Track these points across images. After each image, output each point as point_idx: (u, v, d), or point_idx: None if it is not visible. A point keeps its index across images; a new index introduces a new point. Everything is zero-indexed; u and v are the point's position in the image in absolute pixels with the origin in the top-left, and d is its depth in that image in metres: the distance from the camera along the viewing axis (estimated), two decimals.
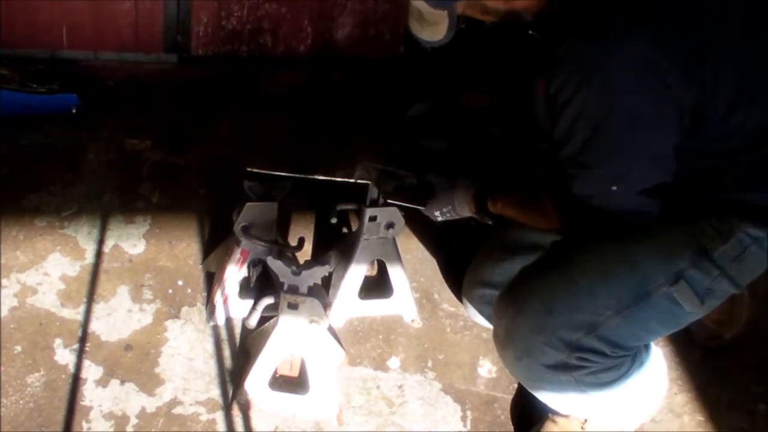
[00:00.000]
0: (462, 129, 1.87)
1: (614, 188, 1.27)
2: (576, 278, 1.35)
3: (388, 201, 1.69)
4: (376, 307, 1.86)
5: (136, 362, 1.67)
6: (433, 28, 1.38)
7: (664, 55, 1.19)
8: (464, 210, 1.64)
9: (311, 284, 1.51)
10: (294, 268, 1.49)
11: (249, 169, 1.67)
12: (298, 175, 1.70)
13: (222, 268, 1.76)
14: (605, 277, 1.33)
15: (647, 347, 1.48)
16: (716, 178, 1.30)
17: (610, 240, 1.36)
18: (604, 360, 1.35)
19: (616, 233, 1.35)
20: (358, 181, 1.69)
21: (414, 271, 1.98)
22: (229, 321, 1.78)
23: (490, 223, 1.61)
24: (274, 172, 1.69)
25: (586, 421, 1.55)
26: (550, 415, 1.57)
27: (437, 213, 1.68)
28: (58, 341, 1.68)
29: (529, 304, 1.37)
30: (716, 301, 1.35)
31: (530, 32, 1.39)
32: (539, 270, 1.42)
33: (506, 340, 1.40)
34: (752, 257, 1.30)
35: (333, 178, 1.69)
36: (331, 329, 1.77)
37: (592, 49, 1.22)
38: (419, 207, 1.68)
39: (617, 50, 1.19)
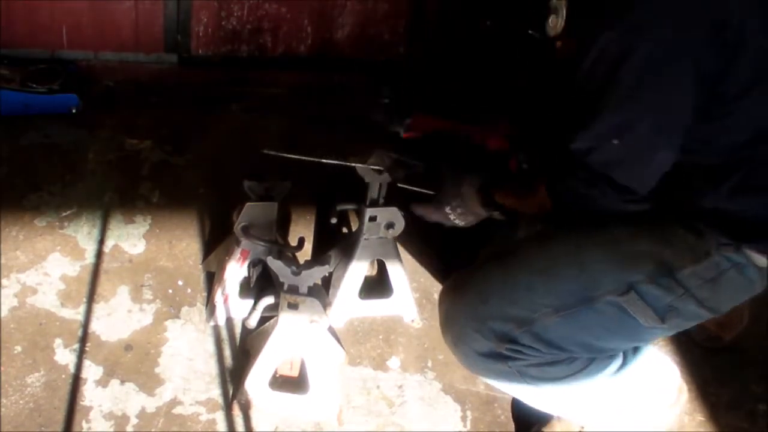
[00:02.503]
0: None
1: (615, 141, 1.22)
2: (516, 272, 1.35)
3: (399, 185, 1.67)
4: (376, 307, 1.86)
5: (136, 362, 1.67)
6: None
7: (690, 11, 1.15)
8: (473, 203, 1.55)
9: (311, 284, 1.51)
10: (294, 268, 1.49)
11: (265, 151, 1.65)
12: (311, 158, 1.66)
13: (222, 268, 1.76)
14: (547, 274, 1.32)
15: (636, 350, 1.45)
16: (713, 182, 1.26)
17: (568, 239, 1.35)
18: (541, 354, 1.34)
19: (580, 232, 1.34)
20: (372, 167, 1.65)
21: (414, 271, 1.98)
22: (229, 321, 1.78)
23: (502, 218, 1.54)
24: (289, 155, 1.66)
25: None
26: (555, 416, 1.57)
27: (448, 210, 1.59)
28: (58, 341, 1.68)
29: (466, 291, 1.39)
30: (685, 321, 1.31)
31: (530, 32, 1.38)
32: (486, 261, 1.43)
33: (444, 326, 1.43)
34: (730, 283, 1.26)
35: (346, 163, 1.66)
36: (331, 329, 1.77)
37: None
38: (430, 192, 1.65)
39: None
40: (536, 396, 1.44)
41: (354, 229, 1.99)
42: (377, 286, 1.91)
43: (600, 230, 1.33)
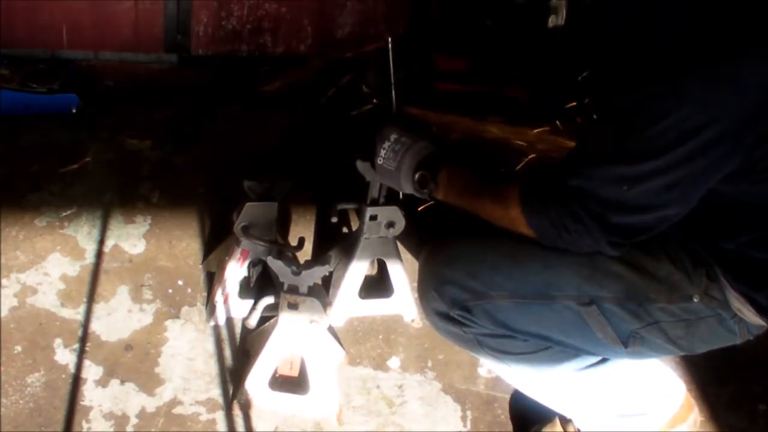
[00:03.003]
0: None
1: (625, 188, 1.12)
2: (488, 249, 1.35)
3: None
4: (376, 307, 1.86)
5: (136, 362, 1.67)
6: None
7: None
8: (413, 158, 1.42)
9: (311, 284, 1.51)
10: (294, 268, 1.49)
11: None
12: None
13: (222, 267, 1.76)
14: (513, 260, 1.31)
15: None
16: (726, 234, 1.19)
17: None
18: (488, 328, 1.35)
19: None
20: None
21: (414, 271, 1.97)
22: (229, 321, 1.78)
23: (421, 196, 1.43)
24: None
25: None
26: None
27: (393, 135, 1.45)
28: (58, 341, 1.68)
29: (439, 253, 1.41)
30: (651, 351, 1.28)
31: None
32: (467, 233, 1.42)
33: (417, 280, 1.46)
34: (707, 329, 1.23)
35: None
36: (331, 329, 1.77)
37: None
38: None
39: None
40: (505, 373, 1.45)
41: (354, 228, 1.99)
42: (377, 285, 1.90)
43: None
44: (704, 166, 1.09)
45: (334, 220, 1.79)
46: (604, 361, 1.40)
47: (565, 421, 1.58)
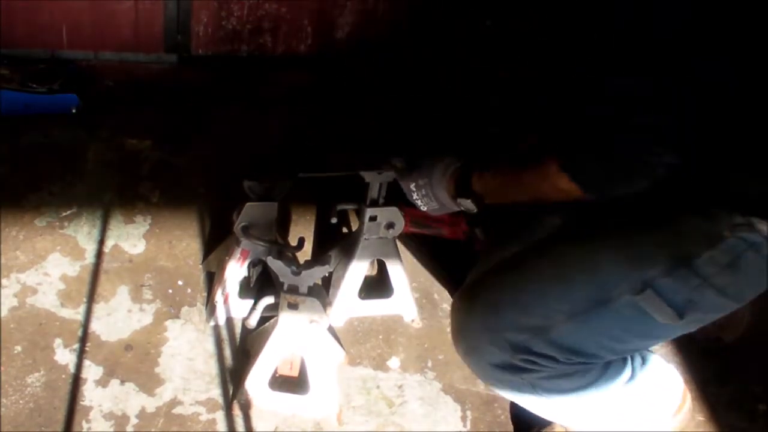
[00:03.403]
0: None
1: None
2: (527, 280, 1.32)
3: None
4: (376, 307, 1.86)
5: (136, 362, 1.67)
6: None
7: None
8: (441, 190, 1.40)
9: (311, 284, 1.51)
10: (294, 268, 1.49)
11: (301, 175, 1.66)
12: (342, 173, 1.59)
13: (222, 268, 1.76)
14: (558, 279, 1.28)
15: (644, 359, 1.43)
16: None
17: (576, 241, 1.30)
18: (556, 365, 1.31)
19: (586, 235, 1.28)
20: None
21: (414, 271, 1.98)
22: (229, 321, 1.78)
23: (472, 210, 1.37)
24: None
25: None
26: None
27: (413, 187, 1.45)
28: (58, 341, 1.68)
29: (479, 302, 1.36)
30: (705, 314, 1.26)
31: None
32: (498, 270, 1.39)
33: (457, 336, 1.40)
34: (749, 266, 1.19)
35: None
36: (331, 329, 1.77)
37: None
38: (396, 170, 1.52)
39: None
40: (544, 407, 1.42)
41: (354, 229, 1.99)
42: (377, 286, 1.91)
43: (606, 230, 1.28)
44: None
45: (334, 220, 1.79)
46: (633, 374, 1.40)
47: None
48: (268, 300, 1.60)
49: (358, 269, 1.78)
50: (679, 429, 1.53)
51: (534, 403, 1.42)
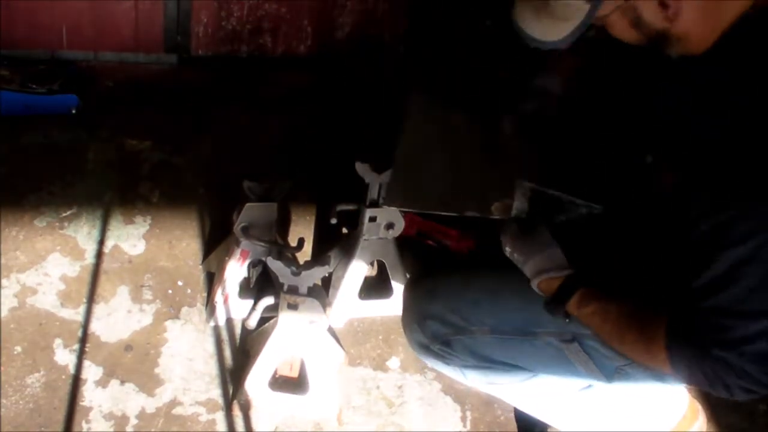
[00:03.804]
0: None
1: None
2: (469, 285, 1.37)
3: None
4: (376, 308, 1.86)
5: (135, 362, 1.67)
6: (554, 25, 1.06)
7: None
8: (534, 284, 1.26)
9: (311, 284, 1.51)
10: (294, 268, 1.49)
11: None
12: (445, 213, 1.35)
13: (222, 268, 1.76)
14: (494, 296, 1.32)
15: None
16: None
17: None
18: (468, 362, 1.37)
19: None
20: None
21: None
22: (229, 321, 1.78)
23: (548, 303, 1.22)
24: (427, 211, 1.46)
25: None
26: None
27: (508, 249, 1.31)
28: (58, 341, 1.68)
29: (423, 286, 1.44)
30: (638, 384, 1.24)
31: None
32: (455, 266, 1.46)
33: (402, 313, 1.48)
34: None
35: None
36: (331, 329, 1.77)
37: None
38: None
39: None
40: (500, 396, 1.46)
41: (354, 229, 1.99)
42: (377, 286, 1.91)
43: None
44: None
45: (334, 221, 1.79)
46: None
47: None
48: (268, 300, 1.60)
49: (358, 270, 1.78)
50: None
51: (483, 389, 1.46)
